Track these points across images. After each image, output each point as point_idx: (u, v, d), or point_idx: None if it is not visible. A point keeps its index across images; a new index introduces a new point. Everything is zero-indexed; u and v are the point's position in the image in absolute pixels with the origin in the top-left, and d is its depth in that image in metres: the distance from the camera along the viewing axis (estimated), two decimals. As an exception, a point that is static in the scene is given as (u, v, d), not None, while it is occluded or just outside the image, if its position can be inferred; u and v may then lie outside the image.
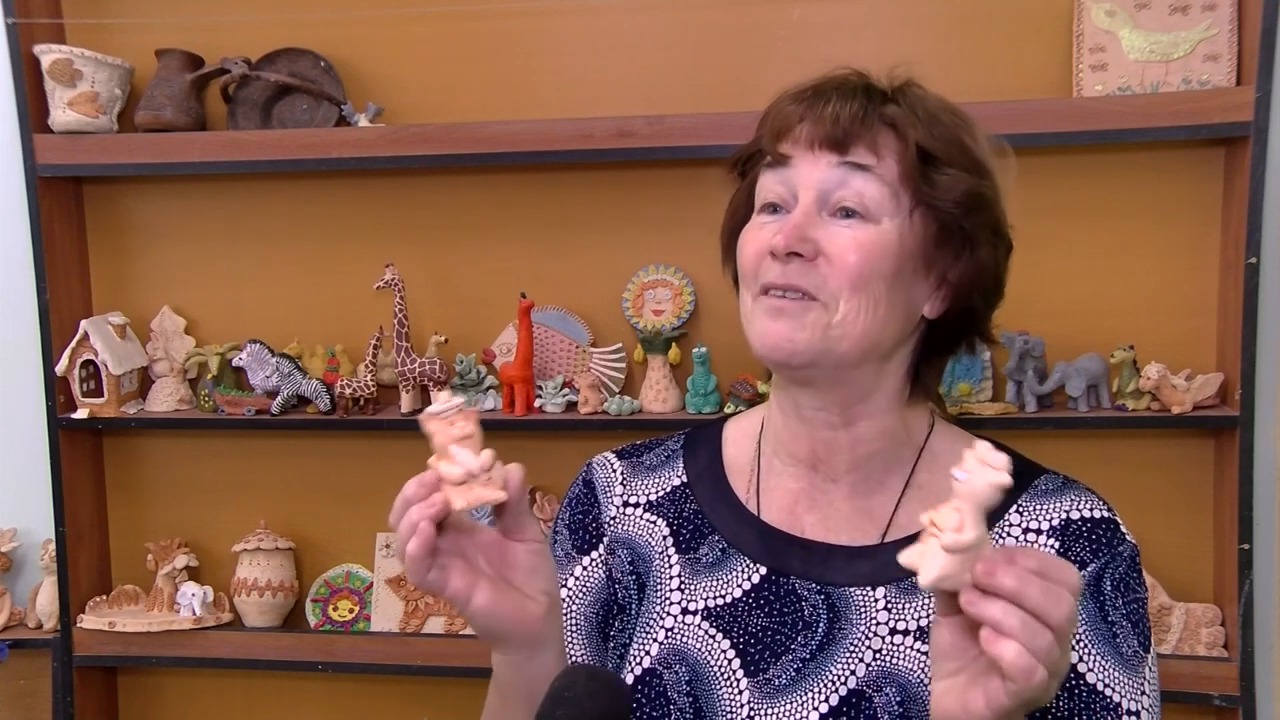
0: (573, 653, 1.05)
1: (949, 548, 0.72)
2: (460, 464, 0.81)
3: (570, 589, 1.07)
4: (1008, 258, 1.02)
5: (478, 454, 0.82)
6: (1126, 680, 0.93)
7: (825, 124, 0.95)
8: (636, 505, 1.08)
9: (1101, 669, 0.93)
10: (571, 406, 1.91)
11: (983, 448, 0.73)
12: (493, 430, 1.91)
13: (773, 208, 0.98)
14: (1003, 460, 0.72)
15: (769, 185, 0.99)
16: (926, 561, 0.73)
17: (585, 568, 1.08)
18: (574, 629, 1.06)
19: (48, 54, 1.94)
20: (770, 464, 1.06)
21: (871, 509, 1.01)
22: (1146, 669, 0.95)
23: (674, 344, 1.90)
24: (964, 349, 1.05)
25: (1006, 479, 0.72)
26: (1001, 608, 0.72)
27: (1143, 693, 0.94)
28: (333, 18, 1.99)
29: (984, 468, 0.72)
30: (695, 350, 1.87)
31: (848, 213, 0.94)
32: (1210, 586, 1.84)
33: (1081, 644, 0.93)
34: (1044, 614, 0.72)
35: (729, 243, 1.05)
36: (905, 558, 0.75)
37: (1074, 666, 0.92)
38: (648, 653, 1.02)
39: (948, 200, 0.95)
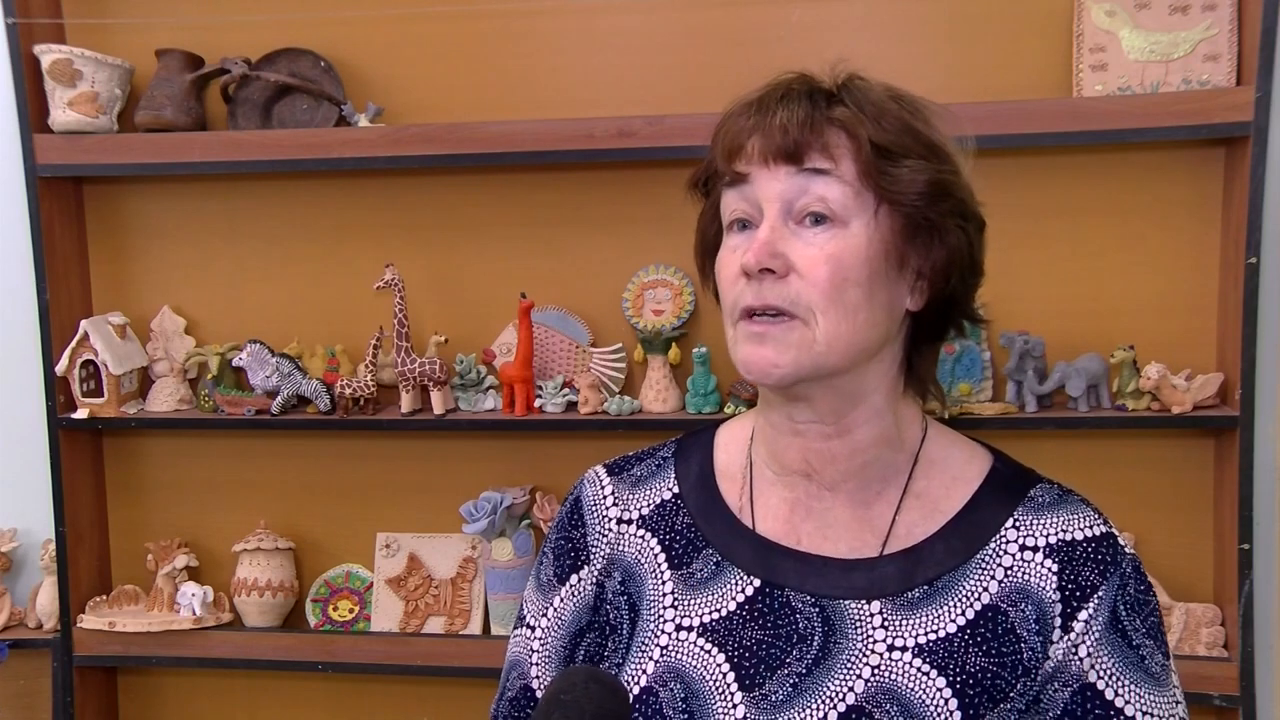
0: (549, 680, 1.04)
1: None
2: None
3: (549, 618, 1.07)
4: (981, 235, 1.00)
5: None
6: (1161, 699, 0.94)
7: (775, 136, 0.94)
8: (629, 522, 1.07)
9: (1137, 698, 0.94)
10: (571, 406, 1.91)
11: None
12: (493, 430, 1.94)
13: (741, 224, 0.97)
14: None
15: (732, 203, 0.98)
16: None
17: (563, 595, 1.07)
18: (552, 655, 1.06)
19: (48, 54, 1.93)
20: (762, 473, 1.04)
21: (871, 519, 1.00)
22: (1173, 677, 0.96)
23: (674, 344, 1.90)
24: (953, 334, 1.04)
25: None
26: None
27: (1176, 701, 0.95)
28: (333, 18, 1.99)
29: None
30: (695, 350, 1.87)
31: (816, 219, 0.93)
32: (1210, 586, 1.84)
33: (1114, 679, 0.94)
34: None
35: (704, 263, 1.05)
36: None
37: (1110, 703, 0.93)
38: (644, 672, 1.01)
39: (910, 193, 0.94)
